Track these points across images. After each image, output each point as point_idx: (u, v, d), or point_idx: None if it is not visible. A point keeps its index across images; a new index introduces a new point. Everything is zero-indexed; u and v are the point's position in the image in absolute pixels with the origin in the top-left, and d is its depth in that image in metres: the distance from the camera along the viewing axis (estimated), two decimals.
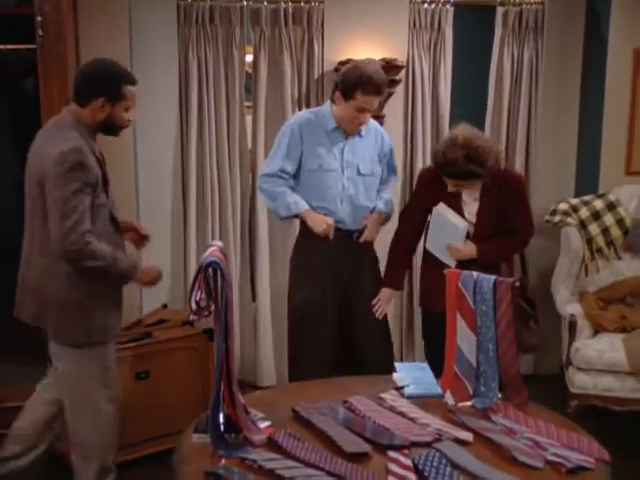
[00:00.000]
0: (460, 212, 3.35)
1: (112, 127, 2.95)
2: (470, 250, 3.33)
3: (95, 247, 2.78)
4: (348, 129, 3.51)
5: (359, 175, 3.54)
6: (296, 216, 3.53)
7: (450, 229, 3.33)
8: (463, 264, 3.22)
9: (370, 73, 3.34)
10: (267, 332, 4.80)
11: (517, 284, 2.76)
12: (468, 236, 3.36)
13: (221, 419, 2.36)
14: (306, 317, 3.57)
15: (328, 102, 3.59)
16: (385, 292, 3.56)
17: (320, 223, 3.45)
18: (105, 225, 2.91)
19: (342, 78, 3.42)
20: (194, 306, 2.41)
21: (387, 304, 3.58)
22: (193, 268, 4.47)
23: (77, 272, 2.81)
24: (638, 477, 3.60)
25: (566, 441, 2.40)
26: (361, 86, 3.35)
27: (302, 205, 3.47)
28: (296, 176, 3.55)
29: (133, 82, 2.95)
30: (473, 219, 3.36)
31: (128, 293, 3.18)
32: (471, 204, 3.36)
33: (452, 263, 3.31)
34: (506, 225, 3.35)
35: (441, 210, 3.35)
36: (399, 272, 3.64)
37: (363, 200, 3.56)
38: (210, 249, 2.45)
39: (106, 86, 2.87)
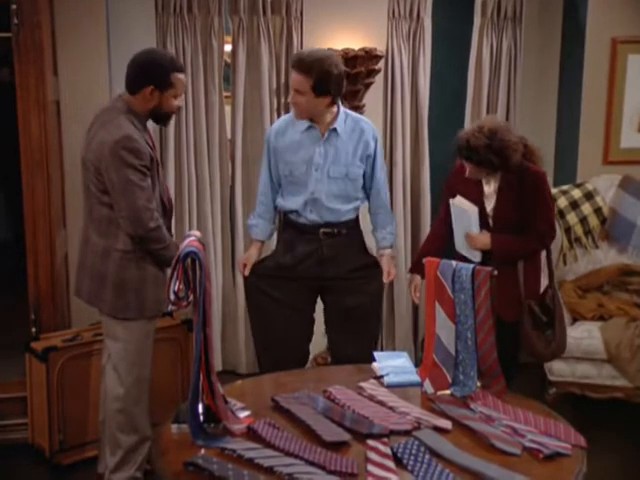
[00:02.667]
0: (481, 206, 3.30)
1: (162, 114, 3.05)
2: (484, 239, 3.26)
3: (161, 232, 2.96)
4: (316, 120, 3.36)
5: (328, 178, 3.39)
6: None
7: (464, 217, 3.30)
8: (483, 260, 3.18)
9: (300, 51, 3.26)
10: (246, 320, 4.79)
11: (495, 273, 2.75)
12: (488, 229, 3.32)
13: (200, 409, 2.36)
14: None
15: None
16: (415, 278, 3.54)
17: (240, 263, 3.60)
18: (157, 207, 3.01)
19: None
20: (172, 296, 2.42)
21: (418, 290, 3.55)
22: None
23: (132, 251, 2.96)
24: (613, 462, 3.65)
25: (543, 428, 2.42)
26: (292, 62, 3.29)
27: (253, 234, 3.59)
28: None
29: (181, 70, 3.05)
30: (492, 213, 3.31)
31: None
32: (492, 198, 3.30)
33: (476, 259, 3.25)
34: (526, 223, 3.26)
35: (455, 202, 3.34)
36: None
37: (331, 203, 3.41)
38: (188, 239, 2.46)
39: (154, 75, 2.95)
